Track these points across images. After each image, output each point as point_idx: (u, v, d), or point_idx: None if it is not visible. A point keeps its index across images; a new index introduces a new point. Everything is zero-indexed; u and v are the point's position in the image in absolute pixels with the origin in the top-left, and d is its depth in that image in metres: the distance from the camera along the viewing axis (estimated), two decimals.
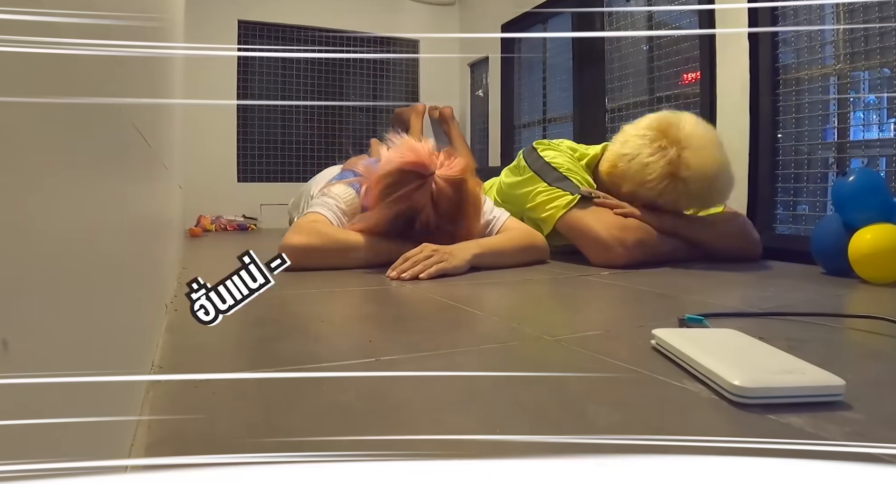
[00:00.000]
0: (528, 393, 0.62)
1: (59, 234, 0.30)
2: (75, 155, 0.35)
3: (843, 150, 1.95)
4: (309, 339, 0.88)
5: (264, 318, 1.01)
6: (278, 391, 0.63)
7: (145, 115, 0.72)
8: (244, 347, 0.85)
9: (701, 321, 0.89)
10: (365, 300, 1.22)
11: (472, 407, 0.59)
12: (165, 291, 1.06)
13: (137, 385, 0.56)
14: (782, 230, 2.08)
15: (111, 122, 0.46)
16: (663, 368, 0.72)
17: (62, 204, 0.30)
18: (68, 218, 0.32)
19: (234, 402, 0.60)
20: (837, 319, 1.03)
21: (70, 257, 0.32)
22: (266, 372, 0.69)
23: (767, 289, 1.37)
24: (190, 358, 0.76)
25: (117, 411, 0.44)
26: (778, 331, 0.93)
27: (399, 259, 1.51)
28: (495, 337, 0.90)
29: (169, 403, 0.59)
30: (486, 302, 1.23)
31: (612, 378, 0.69)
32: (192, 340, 0.85)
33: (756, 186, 2.08)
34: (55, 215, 0.29)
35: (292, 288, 1.31)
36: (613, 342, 0.86)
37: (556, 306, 1.25)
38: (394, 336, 0.89)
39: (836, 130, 1.96)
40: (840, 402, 0.59)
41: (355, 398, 0.60)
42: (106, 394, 0.40)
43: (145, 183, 0.72)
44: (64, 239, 0.31)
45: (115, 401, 0.43)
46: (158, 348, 0.79)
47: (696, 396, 0.62)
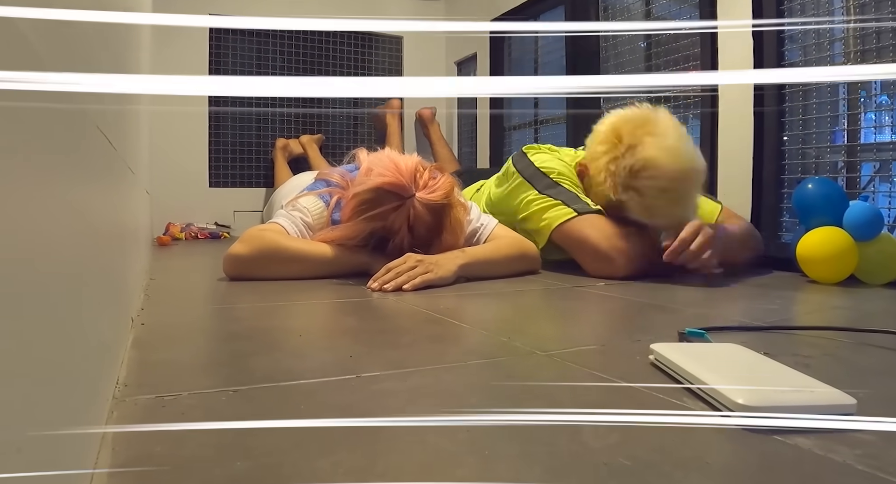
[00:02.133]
0: (517, 412, 0.62)
1: (7, 242, 0.29)
2: (28, 156, 0.34)
3: (854, 153, 1.94)
4: (285, 354, 0.87)
5: (237, 332, 1.01)
6: (252, 411, 0.62)
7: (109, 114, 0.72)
8: (216, 363, 0.85)
9: (702, 335, 0.89)
10: (345, 313, 1.21)
11: (458, 427, 0.58)
12: (131, 304, 1.05)
13: (100, 405, 0.56)
14: (789, 239, 2.07)
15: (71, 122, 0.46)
16: (662, 385, 0.72)
17: (11, 210, 0.30)
18: (19, 225, 0.32)
19: (205, 421, 0.59)
20: (848, 333, 1.03)
21: (21, 267, 0.32)
22: (239, 390, 0.69)
23: (773, 301, 1.38)
24: (158, 375, 0.76)
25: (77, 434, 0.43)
26: (784, 346, 0.93)
27: (381, 269, 1.51)
28: (484, 352, 0.90)
29: (135, 423, 0.59)
30: (474, 315, 1.23)
31: (608, 396, 0.68)
32: (160, 356, 0.85)
33: (760, 192, 2.08)
34: (2, 222, 0.29)
35: (267, 300, 1.30)
36: (609, 358, 0.86)
37: (549, 319, 1.25)
38: (375, 351, 0.89)
39: (845, 133, 1.96)
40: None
41: (334, 417, 0.60)
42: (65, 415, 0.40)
43: (109, 188, 0.72)
44: (13, 247, 0.30)
45: (75, 422, 0.43)
46: (124, 365, 0.78)
47: (698, 415, 0.62)
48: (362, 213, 1.57)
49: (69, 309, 0.43)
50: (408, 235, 1.58)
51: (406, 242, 1.59)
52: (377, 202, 1.56)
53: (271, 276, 1.58)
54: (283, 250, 1.60)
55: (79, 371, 0.45)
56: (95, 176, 0.59)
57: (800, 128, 2.05)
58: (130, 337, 0.93)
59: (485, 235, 1.80)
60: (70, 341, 0.43)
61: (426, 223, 1.58)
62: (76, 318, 0.46)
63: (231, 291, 1.44)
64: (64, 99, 0.43)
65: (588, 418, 0.60)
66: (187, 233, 3.29)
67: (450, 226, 1.63)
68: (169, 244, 2.95)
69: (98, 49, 0.62)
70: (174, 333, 1.04)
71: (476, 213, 1.83)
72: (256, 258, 1.58)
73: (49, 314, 0.37)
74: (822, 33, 2.00)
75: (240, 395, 0.67)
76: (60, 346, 0.39)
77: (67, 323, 0.42)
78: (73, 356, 0.43)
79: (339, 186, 1.75)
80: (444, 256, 1.59)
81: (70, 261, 0.44)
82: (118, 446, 0.53)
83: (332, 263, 1.62)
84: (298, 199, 1.78)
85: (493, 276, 1.68)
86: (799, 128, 2.05)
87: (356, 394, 0.68)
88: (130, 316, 1.00)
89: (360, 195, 1.58)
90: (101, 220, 0.63)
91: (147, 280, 1.59)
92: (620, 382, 0.73)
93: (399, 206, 1.55)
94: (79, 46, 0.50)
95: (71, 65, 0.46)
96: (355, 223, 1.59)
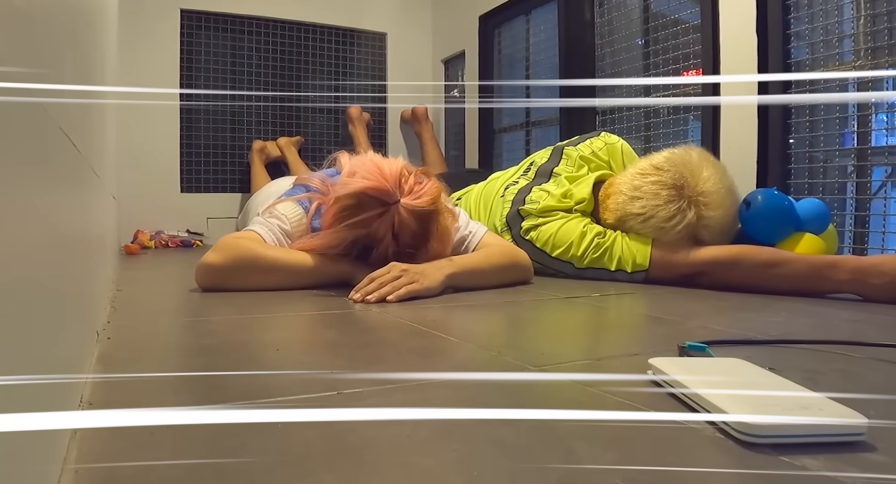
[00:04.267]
0: (508, 430, 0.62)
1: None
2: None
3: (864, 157, 1.95)
4: (261, 370, 0.87)
5: (210, 347, 1.00)
6: (226, 430, 0.62)
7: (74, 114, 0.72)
8: (187, 380, 0.84)
9: (703, 349, 0.89)
10: (325, 326, 1.21)
11: (445, 447, 0.58)
12: (96, 317, 1.05)
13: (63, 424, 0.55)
14: None
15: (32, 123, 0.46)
16: (661, 402, 0.72)
17: None
18: None
19: (175, 443, 0.59)
20: (859, 347, 1.03)
21: None
22: (212, 408, 0.68)
23: (777, 313, 1.38)
24: (124, 394, 0.75)
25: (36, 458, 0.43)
26: (791, 361, 0.93)
27: (364, 279, 1.51)
28: (472, 367, 0.90)
29: (100, 445, 0.58)
30: (462, 327, 1.23)
31: (603, 413, 0.68)
32: (127, 372, 0.84)
33: None
34: None
35: (242, 312, 1.30)
36: (605, 373, 0.86)
37: (542, 332, 1.25)
38: (357, 366, 0.89)
39: (855, 135, 1.96)
40: (862, 442, 0.59)
41: (314, 437, 0.60)
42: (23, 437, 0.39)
43: (73, 193, 0.71)
44: None
45: (34, 444, 0.43)
46: (88, 382, 0.78)
47: (699, 434, 0.62)
48: (344, 220, 1.57)
49: (27, 323, 0.42)
50: (392, 243, 1.58)
51: (390, 250, 1.58)
52: (360, 208, 1.55)
53: (248, 286, 1.58)
54: (260, 259, 1.59)
55: (37, 389, 0.45)
56: (58, 180, 0.58)
57: (807, 130, 2.05)
58: (95, 352, 0.93)
59: (473, 243, 1.79)
60: (28, 357, 0.42)
61: (412, 230, 1.58)
62: (36, 332, 0.45)
63: (204, 303, 1.44)
64: (25, 97, 0.43)
65: (583, 437, 0.60)
66: (157, 241, 3.28)
67: (437, 233, 1.63)
68: (137, 253, 2.94)
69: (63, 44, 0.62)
70: (142, 347, 1.03)
71: (464, 220, 1.83)
72: (231, 268, 1.57)
73: (4, 329, 0.37)
74: (830, 30, 2.01)
75: (213, 411, 0.67)
76: (17, 362, 0.39)
77: (25, 338, 0.42)
78: (31, 374, 0.43)
79: (319, 192, 1.74)
80: (431, 265, 1.58)
81: (29, 271, 0.44)
82: (81, 471, 0.52)
83: (313, 273, 1.61)
84: (276, 205, 1.77)
85: (482, 286, 1.68)
86: (806, 130, 2.06)
87: (336, 409, 0.68)
88: (95, 330, 1.00)
89: (341, 201, 1.57)
90: (65, 227, 0.63)
91: (114, 291, 1.59)
92: (617, 399, 0.73)
93: (383, 213, 1.55)
94: (40, 41, 0.50)
95: (32, 60, 0.46)
96: (336, 231, 1.58)
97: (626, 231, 1.88)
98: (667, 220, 1.77)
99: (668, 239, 1.79)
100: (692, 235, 1.78)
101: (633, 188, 1.84)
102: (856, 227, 1.96)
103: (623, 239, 1.86)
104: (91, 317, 0.94)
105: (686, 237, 1.78)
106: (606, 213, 1.94)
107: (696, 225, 1.76)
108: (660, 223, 1.78)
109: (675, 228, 1.76)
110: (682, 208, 1.76)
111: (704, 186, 1.76)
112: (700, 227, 1.76)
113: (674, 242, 1.79)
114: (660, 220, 1.78)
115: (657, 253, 1.80)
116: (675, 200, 1.77)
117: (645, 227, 1.82)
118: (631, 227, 1.86)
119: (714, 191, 1.76)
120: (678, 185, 1.78)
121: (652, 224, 1.80)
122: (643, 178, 1.83)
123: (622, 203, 1.86)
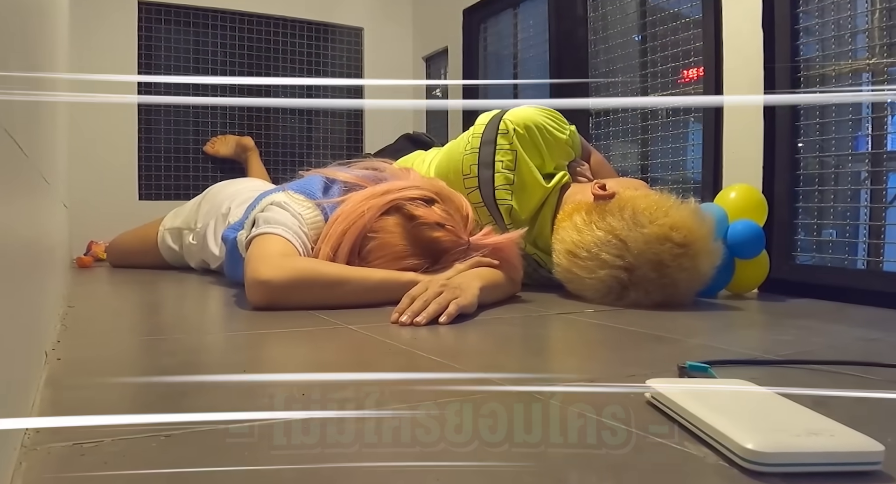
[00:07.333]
0: (496, 458, 0.62)
1: None
2: None
3: (879, 162, 1.94)
4: (226, 392, 0.87)
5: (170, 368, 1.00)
6: (188, 458, 0.62)
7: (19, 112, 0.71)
8: (145, 404, 0.84)
9: (705, 370, 0.90)
10: (295, 344, 1.20)
11: (428, 476, 0.58)
12: (45, 336, 1.04)
13: (5, 455, 0.55)
14: (804, 260, 2.07)
15: None
16: (660, 426, 0.72)
17: None
18: None
19: (132, 471, 0.59)
20: (874, 368, 1.03)
21: None
22: (172, 434, 0.68)
23: (787, 331, 1.38)
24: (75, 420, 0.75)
25: None
26: (800, 382, 0.94)
27: (404, 299, 1.45)
28: (457, 390, 0.90)
29: (48, 475, 0.58)
30: (446, 347, 1.23)
31: (598, 439, 0.68)
32: (78, 395, 0.84)
33: (772, 207, 2.07)
34: None
35: (204, 330, 1.29)
36: (600, 395, 0.86)
37: (532, 351, 1.25)
38: (330, 389, 0.88)
39: (869, 138, 1.96)
40: (878, 471, 0.59)
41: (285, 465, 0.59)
42: None
43: (18, 201, 0.71)
44: None
45: None
46: (35, 407, 0.77)
47: (701, 461, 0.62)
48: (403, 259, 1.63)
49: None
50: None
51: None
52: (426, 254, 1.63)
53: (310, 304, 1.53)
54: (323, 275, 1.56)
55: None
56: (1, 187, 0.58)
57: (817, 133, 2.05)
58: (44, 374, 0.92)
59: None
60: None
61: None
62: None
63: (162, 321, 1.43)
64: None
65: (576, 464, 0.60)
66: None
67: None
68: (91, 266, 2.92)
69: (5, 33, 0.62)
70: (96, 369, 1.02)
71: None
72: (292, 285, 1.50)
73: None
74: (842, 24, 2.02)
75: (173, 440, 0.66)
76: None
77: None
78: None
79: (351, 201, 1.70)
80: (461, 278, 1.55)
81: None
82: None
83: (383, 287, 1.58)
84: (289, 203, 1.69)
85: (494, 302, 1.64)
86: (816, 133, 2.06)
87: (309, 436, 0.68)
88: (44, 350, 0.99)
89: (406, 247, 1.63)
90: (9, 239, 0.62)
91: (64, 308, 1.57)
92: (613, 423, 0.73)
93: (461, 256, 1.64)
94: None
95: None
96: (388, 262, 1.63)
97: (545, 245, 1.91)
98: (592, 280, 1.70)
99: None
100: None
101: (577, 230, 1.77)
102: (870, 239, 1.96)
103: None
104: (39, 336, 0.93)
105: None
106: (560, 249, 1.82)
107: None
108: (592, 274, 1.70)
109: (604, 284, 1.68)
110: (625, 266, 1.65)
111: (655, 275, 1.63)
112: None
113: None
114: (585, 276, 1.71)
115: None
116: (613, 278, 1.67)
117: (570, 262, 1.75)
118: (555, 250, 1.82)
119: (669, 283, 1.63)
120: (627, 268, 1.65)
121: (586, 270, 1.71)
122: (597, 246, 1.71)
123: (569, 236, 1.77)
